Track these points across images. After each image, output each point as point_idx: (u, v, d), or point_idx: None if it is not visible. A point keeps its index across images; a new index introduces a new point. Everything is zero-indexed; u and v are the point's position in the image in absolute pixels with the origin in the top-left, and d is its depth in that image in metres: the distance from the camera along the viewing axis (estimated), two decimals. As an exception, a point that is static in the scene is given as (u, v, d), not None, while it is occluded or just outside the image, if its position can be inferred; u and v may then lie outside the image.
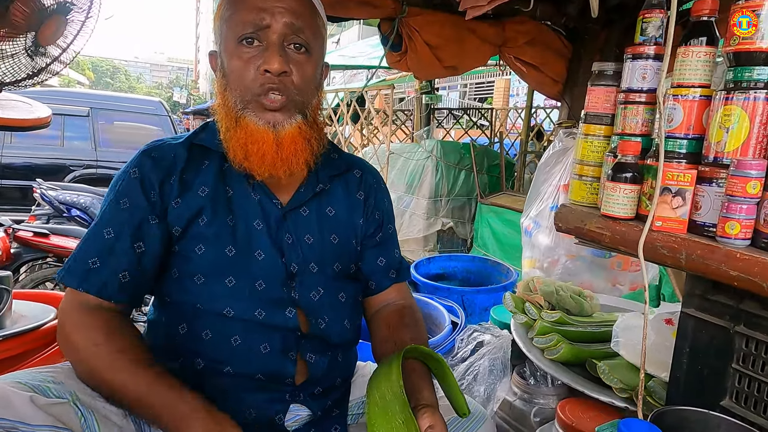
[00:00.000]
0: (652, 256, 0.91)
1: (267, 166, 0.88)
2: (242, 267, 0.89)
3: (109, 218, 0.85)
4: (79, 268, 0.83)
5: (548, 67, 2.10)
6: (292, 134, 0.88)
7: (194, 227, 0.88)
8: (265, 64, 0.84)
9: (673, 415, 0.79)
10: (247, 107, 0.86)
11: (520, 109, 7.02)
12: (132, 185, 0.86)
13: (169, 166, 0.89)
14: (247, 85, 0.86)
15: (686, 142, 0.92)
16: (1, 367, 1.04)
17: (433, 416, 0.76)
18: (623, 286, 1.92)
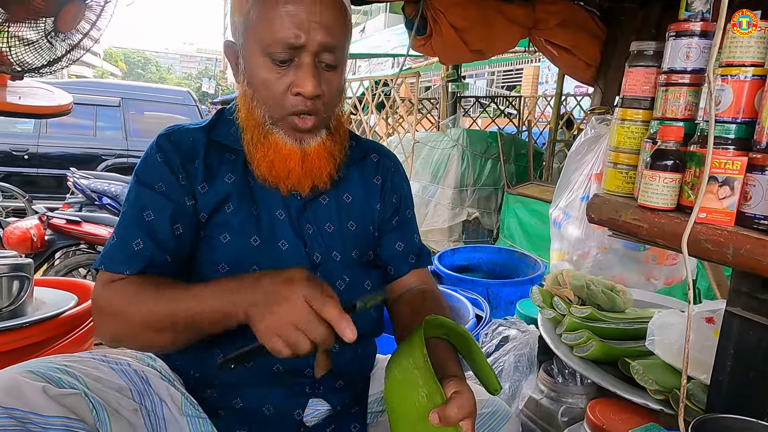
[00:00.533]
0: (695, 251, 0.85)
1: (292, 181, 0.87)
2: (267, 257, 0.87)
3: (146, 202, 0.84)
4: (123, 253, 0.81)
5: (581, 50, 1.99)
6: (317, 150, 0.87)
7: (220, 214, 0.86)
8: (298, 87, 0.80)
9: (715, 424, 0.73)
10: (276, 125, 0.85)
11: (549, 96, 6.83)
12: (161, 169, 0.85)
13: (191, 150, 0.88)
14: (276, 103, 0.83)
15: (735, 126, 0.84)
16: (22, 354, 1.06)
17: (460, 384, 0.72)
18: (658, 280, 1.83)
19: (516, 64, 11.83)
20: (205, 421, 0.85)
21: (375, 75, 6.29)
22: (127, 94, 5.95)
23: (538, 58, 10.80)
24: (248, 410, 0.86)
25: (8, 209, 4.73)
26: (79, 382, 0.74)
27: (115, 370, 0.82)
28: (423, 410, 0.70)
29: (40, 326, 1.18)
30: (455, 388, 0.71)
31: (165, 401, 0.83)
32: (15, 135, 5.52)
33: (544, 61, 11.14)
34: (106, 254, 0.82)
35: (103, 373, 0.79)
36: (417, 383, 0.71)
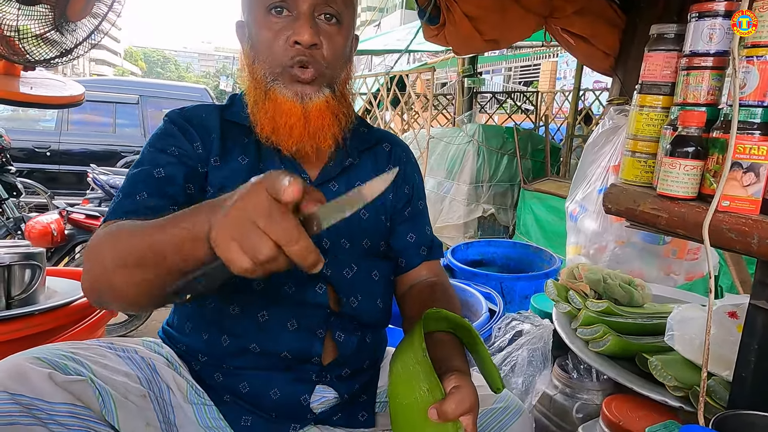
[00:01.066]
0: (717, 241, 0.81)
1: (295, 139, 0.85)
2: None
3: (159, 162, 0.83)
4: (127, 202, 0.79)
5: (599, 39, 1.94)
6: (320, 108, 0.85)
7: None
8: (295, 36, 0.80)
9: (738, 420, 0.70)
10: (277, 79, 0.84)
11: (567, 91, 6.72)
12: (176, 137, 0.86)
13: (204, 124, 0.88)
14: (276, 57, 0.82)
15: (761, 110, 0.80)
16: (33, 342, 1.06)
17: (460, 378, 0.70)
18: (678, 275, 1.78)
19: (533, 60, 11.67)
20: (211, 408, 0.85)
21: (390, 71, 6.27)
22: (146, 92, 6.04)
23: (555, 53, 10.64)
24: (254, 395, 0.86)
25: (31, 205, 4.85)
26: (85, 369, 0.73)
27: (122, 357, 0.82)
28: (424, 405, 0.68)
29: (51, 314, 1.20)
30: (455, 383, 0.69)
31: (171, 388, 0.83)
32: (37, 132, 5.65)
33: (562, 56, 10.98)
34: (111, 209, 0.80)
35: (109, 361, 0.79)
36: (418, 378, 0.69)
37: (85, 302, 1.27)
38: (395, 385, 0.73)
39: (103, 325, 1.38)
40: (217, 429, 0.84)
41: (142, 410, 0.76)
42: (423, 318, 0.76)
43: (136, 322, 2.84)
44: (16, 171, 4.32)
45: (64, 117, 5.65)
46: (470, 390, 0.69)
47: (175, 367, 0.87)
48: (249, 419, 0.86)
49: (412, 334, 0.74)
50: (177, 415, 0.82)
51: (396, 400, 0.72)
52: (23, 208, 4.27)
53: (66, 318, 1.23)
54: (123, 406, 0.73)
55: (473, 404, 0.69)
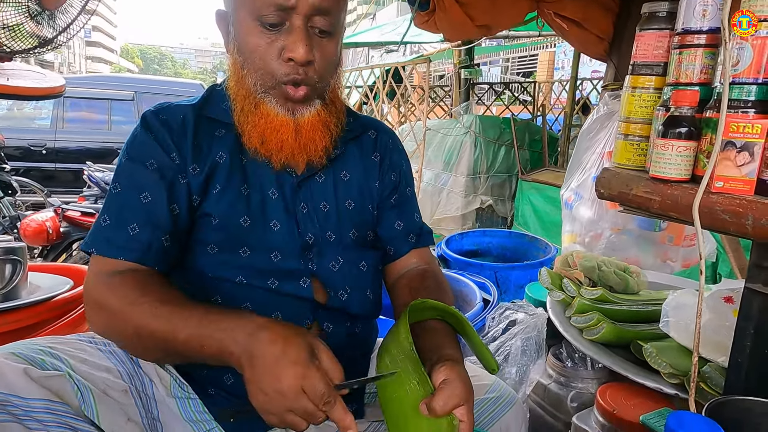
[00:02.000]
0: (710, 223, 0.79)
1: (285, 154, 0.84)
2: (258, 238, 0.84)
3: (141, 183, 0.81)
4: (119, 237, 0.78)
5: (592, 23, 1.90)
6: (311, 122, 0.83)
7: (209, 195, 0.84)
8: (290, 52, 0.77)
9: (733, 406, 0.68)
10: (268, 93, 0.81)
11: (564, 81, 6.67)
12: (152, 147, 0.83)
13: (180, 128, 0.85)
14: (268, 70, 0.79)
15: (756, 88, 0.78)
16: (15, 337, 1.05)
17: (450, 370, 0.68)
18: (675, 262, 1.76)
19: (531, 50, 11.60)
20: (195, 401, 0.83)
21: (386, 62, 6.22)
22: (141, 88, 6.00)
23: (553, 43, 10.57)
24: (239, 386, 0.83)
25: (27, 203, 4.82)
26: (63, 363, 0.71)
27: (103, 351, 0.80)
28: (415, 398, 0.67)
29: (32, 309, 1.18)
30: (444, 376, 0.67)
31: (154, 382, 0.81)
32: (33, 130, 5.63)
33: (560, 46, 10.90)
34: (99, 235, 0.79)
35: (89, 355, 0.77)
36: (407, 371, 0.68)
37: (68, 297, 1.26)
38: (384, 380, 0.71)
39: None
40: (202, 422, 0.82)
41: (123, 405, 0.74)
42: (408, 309, 0.74)
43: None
44: (11, 169, 4.30)
45: (59, 114, 5.62)
46: (460, 382, 0.67)
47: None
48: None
49: (398, 327, 0.73)
50: (160, 409, 0.80)
51: (386, 393, 0.71)
52: (19, 206, 4.25)
53: (48, 313, 1.21)
54: (103, 402, 0.71)
55: (465, 396, 0.67)
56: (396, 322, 0.74)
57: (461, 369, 0.70)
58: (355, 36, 6.69)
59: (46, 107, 5.68)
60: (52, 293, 1.25)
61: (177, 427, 0.80)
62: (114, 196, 0.81)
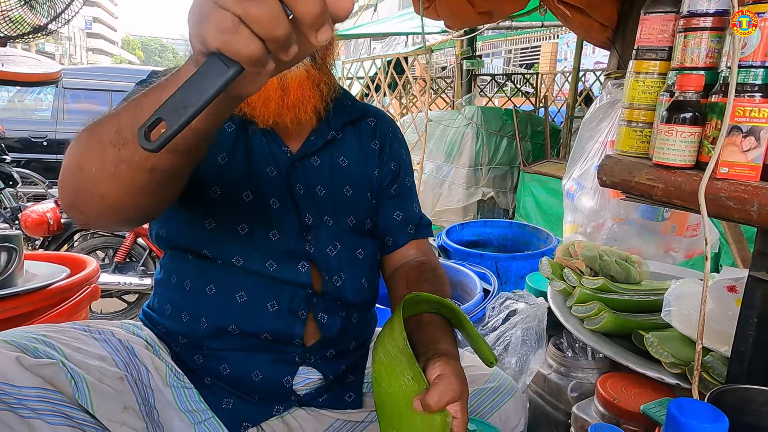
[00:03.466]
0: (715, 210, 0.77)
1: (271, 112, 0.81)
2: (258, 215, 0.83)
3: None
4: None
5: (596, 10, 1.87)
6: (299, 78, 0.80)
7: (213, 162, 0.82)
8: None
9: (735, 395, 0.67)
10: None
11: (567, 73, 6.62)
12: None
13: None
14: None
15: (763, 71, 0.76)
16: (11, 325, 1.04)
17: (445, 365, 0.67)
18: (678, 252, 1.74)
19: (534, 41, 11.51)
20: (191, 391, 0.82)
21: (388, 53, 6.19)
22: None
23: (556, 34, 10.48)
24: (235, 377, 0.83)
25: (29, 195, 4.82)
26: (57, 351, 0.71)
27: (98, 339, 0.79)
28: (409, 394, 0.66)
29: (27, 297, 1.18)
30: (439, 371, 0.66)
31: (150, 371, 0.81)
32: (33, 122, 5.62)
33: (563, 37, 10.81)
34: None
35: (83, 344, 0.76)
36: (402, 366, 0.67)
37: (64, 285, 1.26)
38: (379, 372, 0.71)
39: (85, 309, 1.36)
40: (197, 412, 0.81)
41: (120, 393, 0.74)
42: (402, 303, 0.73)
43: (135, 310, 2.83)
44: (12, 161, 4.29)
45: (60, 106, 5.61)
46: (455, 378, 0.66)
47: (155, 350, 0.84)
48: (230, 401, 0.83)
49: (392, 322, 0.72)
50: (157, 398, 0.80)
51: (381, 387, 0.70)
52: (21, 198, 4.25)
53: (44, 301, 1.21)
54: (97, 390, 0.70)
55: (459, 392, 0.66)
56: (390, 317, 0.73)
57: (456, 364, 0.69)
58: (357, 28, 6.64)
59: (47, 99, 5.67)
60: (48, 281, 1.25)
61: (173, 416, 0.79)
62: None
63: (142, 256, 2.80)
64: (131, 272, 2.78)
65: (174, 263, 0.86)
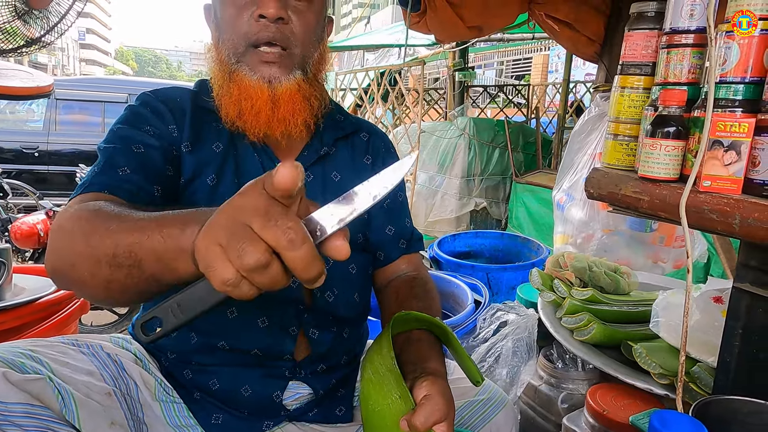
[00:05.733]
0: (699, 222, 0.78)
1: (261, 125, 0.81)
2: None
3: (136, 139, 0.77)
4: (106, 177, 0.72)
5: (583, 25, 1.91)
6: (290, 91, 0.81)
7: (200, 184, 0.82)
8: (260, 9, 0.76)
9: (720, 406, 0.68)
10: (241, 60, 0.80)
11: (558, 84, 6.69)
12: (150, 117, 0.81)
13: (179, 108, 0.84)
14: (240, 34, 0.78)
15: (743, 87, 0.78)
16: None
17: (431, 386, 0.67)
18: (666, 263, 1.76)
19: (525, 52, 11.65)
20: (180, 405, 0.82)
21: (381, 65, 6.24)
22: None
23: (547, 46, 10.61)
24: (225, 392, 0.83)
25: (19, 206, 4.79)
26: (44, 367, 0.70)
27: (86, 354, 0.79)
28: (396, 413, 0.66)
29: (16, 311, 1.17)
30: (426, 392, 0.66)
31: (139, 385, 0.80)
32: (25, 133, 5.58)
33: (554, 49, 10.95)
34: (84, 182, 0.73)
35: (71, 358, 0.76)
36: (390, 384, 0.67)
37: (53, 299, 1.24)
38: (367, 390, 0.71)
39: (74, 322, 1.34)
40: (187, 427, 0.81)
41: (107, 409, 0.73)
42: (391, 322, 0.73)
43: (126, 322, 2.80)
44: (2, 172, 4.26)
45: (52, 117, 5.59)
46: (442, 398, 0.66)
47: (144, 364, 0.83)
48: (220, 417, 0.83)
49: (380, 340, 0.72)
50: (146, 412, 0.79)
51: (368, 405, 0.70)
52: (11, 209, 4.21)
53: (32, 315, 1.20)
54: (84, 405, 0.70)
55: (445, 413, 0.66)
56: (379, 335, 0.74)
57: (443, 383, 0.69)
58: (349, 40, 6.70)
59: (39, 110, 5.65)
60: (37, 295, 1.24)
61: (162, 431, 0.79)
62: (103, 151, 0.77)
63: (133, 267, 2.78)
64: (122, 284, 2.75)
65: None
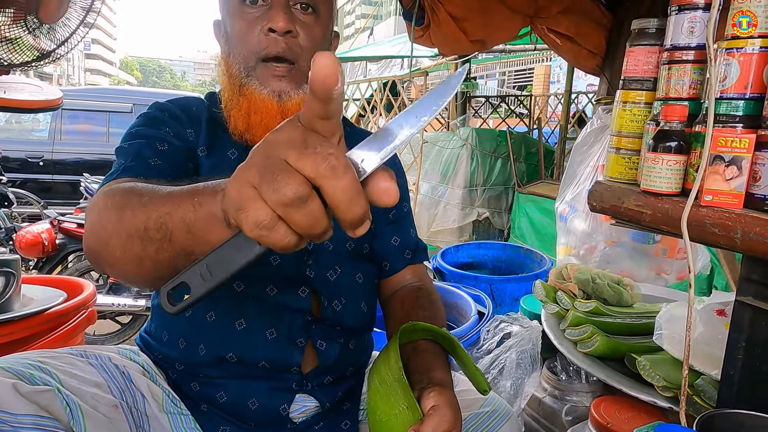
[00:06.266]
0: (700, 236, 0.79)
1: None
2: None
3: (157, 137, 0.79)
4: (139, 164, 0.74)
5: (584, 39, 1.93)
6: (299, 106, 0.82)
7: None
8: (270, 23, 0.78)
9: (724, 419, 0.68)
10: (251, 74, 0.82)
11: (560, 95, 6.73)
12: (168, 119, 0.83)
13: (195, 114, 0.86)
14: (250, 48, 0.80)
15: (743, 103, 0.79)
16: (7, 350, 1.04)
17: (439, 396, 0.68)
18: (669, 275, 1.76)
19: (527, 63, 11.72)
20: (187, 417, 0.82)
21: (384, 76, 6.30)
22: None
23: (549, 57, 10.67)
24: (232, 404, 0.83)
25: (24, 215, 4.82)
26: (53, 378, 0.71)
27: (94, 365, 0.79)
28: (403, 423, 0.66)
29: (25, 322, 1.18)
30: (434, 402, 0.67)
31: (146, 397, 0.81)
32: (30, 142, 5.64)
33: (556, 59, 11.01)
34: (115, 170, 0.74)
35: (80, 370, 0.76)
36: (397, 395, 0.68)
37: (61, 309, 1.25)
38: (374, 400, 0.71)
39: (81, 333, 1.35)
40: (193, 439, 0.81)
41: (113, 421, 0.74)
42: (399, 332, 0.74)
43: (129, 332, 2.81)
44: (8, 181, 4.29)
45: (57, 126, 5.64)
46: (449, 409, 0.67)
47: (151, 376, 0.84)
48: (227, 429, 0.83)
49: (388, 351, 0.73)
50: (152, 425, 0.80)
51: (375, 415, 0.70)
52: (15, 218, 4.24)
53: (41, 326, 1.20)
54: (92, 417, 0.71)
55: (453, 423, 0.66)
56: (386, 345, 0.74)
57: (450, 394, 0.70)
58: (353, 51, 6.76)
59: (44, 119, 5.71)
60: (46, 306, 1.25)
61: (168, 443, 0.79)
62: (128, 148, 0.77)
63: (137, 277, 2.78)
64: (125, 293, 2.76)
65: None
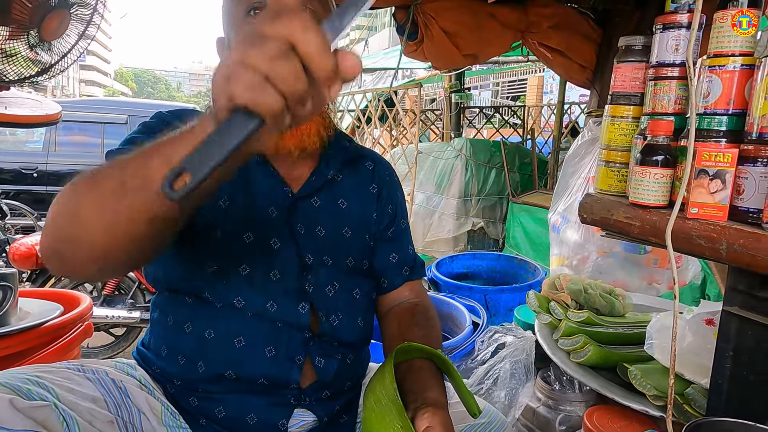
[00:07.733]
0: (687, 248, 0.81)
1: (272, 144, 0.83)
2: (259, 255, 0.84)
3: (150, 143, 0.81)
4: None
5: (575, 53, 1.97)
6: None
7: (215, 206, 0.84)
8: None
9: (711, 428, 0.69)
10: None
11: (553, 105, 6.81)
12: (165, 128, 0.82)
13: None
14: None
15: (726, 118, 0.82)
16: (4, 364, 1.04)
17: (433, 416, 0.68)
18: (661, 284, 1.78)
19: (520, 74, 11.85)
20: (186, 431, 0.82)
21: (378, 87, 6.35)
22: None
23: (542, 68, 10.80)
24: (230, 419, 0.83)
25: (17, 227, 4.79)
26: (50, 393, 0.71)
27: (91, 380, 0.79)
28: None
29: (21, 336, 1.18)
30: (428, 423, 0.68)
31: (144, 412, 0.81)
32: (24, 153, 5.61)
33: (548, 71, 11.14)
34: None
35: (76, 384, 0.77)
36: (392, 415, 0.69)
37: (57, 323, 1.25)
38: (369, 420, 0.72)
39: (78, 346, 1.35)
40: (192, 453, 0.82)
41: None
42: (394, 353, 0.75)
43: (123, 344, 2.79)
44: (1, 193, 4.28)
45: (51, 138, 5.62)
46: (443, 429, 0.68)
47: (149, 390, 0.84)
48: None
49: (383, 371, 0.74)
50: (149, 439, 0.80)
51: None
52: (9, 230, 4.21)
53: (38, 339, 1.20)
54: None
55: None
56: (382, 365, 0.75)
57: (444, 414, 0.71)
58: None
59: (39, 131, 5.69)
60: (42, 319, 1.25)
61: (166, 457, 0.79)
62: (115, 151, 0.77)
63: (131, 288, 2.77)
64: (120, 305, 2.75)
65: (171, 305, 0.87)
